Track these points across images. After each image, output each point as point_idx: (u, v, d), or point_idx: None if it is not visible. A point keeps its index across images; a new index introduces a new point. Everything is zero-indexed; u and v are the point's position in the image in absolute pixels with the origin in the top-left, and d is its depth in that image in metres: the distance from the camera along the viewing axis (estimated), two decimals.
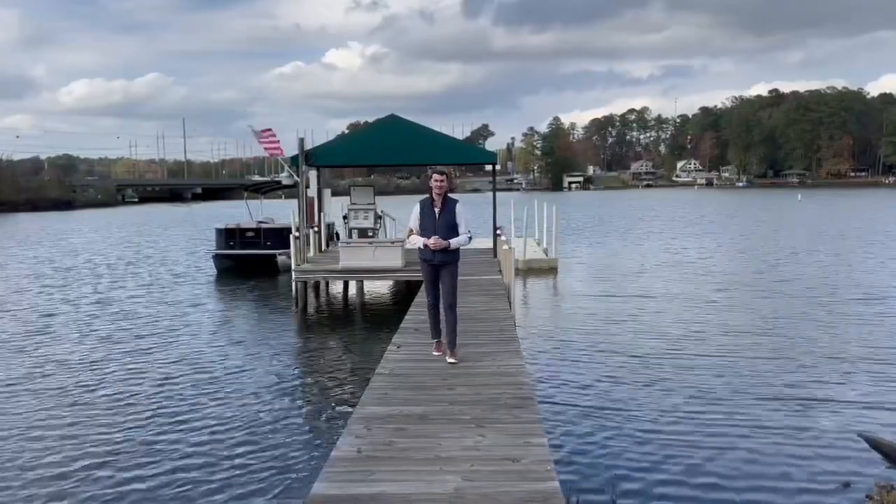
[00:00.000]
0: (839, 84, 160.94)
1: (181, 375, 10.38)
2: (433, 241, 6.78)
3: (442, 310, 7.14)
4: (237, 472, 6.87)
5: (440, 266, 7.00)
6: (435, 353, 7.24)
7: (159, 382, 10.02)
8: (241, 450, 7.42)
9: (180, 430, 8.04)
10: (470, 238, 7.03)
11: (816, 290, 17.04)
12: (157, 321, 14.59)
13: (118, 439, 7.79)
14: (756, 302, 15.75)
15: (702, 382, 9.57)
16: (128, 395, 9.45)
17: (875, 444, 7.20)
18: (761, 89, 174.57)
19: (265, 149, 19.99)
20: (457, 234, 6.89)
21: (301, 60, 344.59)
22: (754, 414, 8.30)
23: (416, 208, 7.02)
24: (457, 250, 7.01)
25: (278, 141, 19.58)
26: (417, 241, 6.96)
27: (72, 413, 8.72)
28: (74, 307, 16.42)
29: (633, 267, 22.27)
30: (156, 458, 7.22)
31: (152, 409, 8.82)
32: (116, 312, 15.62)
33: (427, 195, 7.02)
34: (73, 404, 9.07)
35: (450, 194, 6.96)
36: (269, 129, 19.65)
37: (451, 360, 7.01)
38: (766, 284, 18.22)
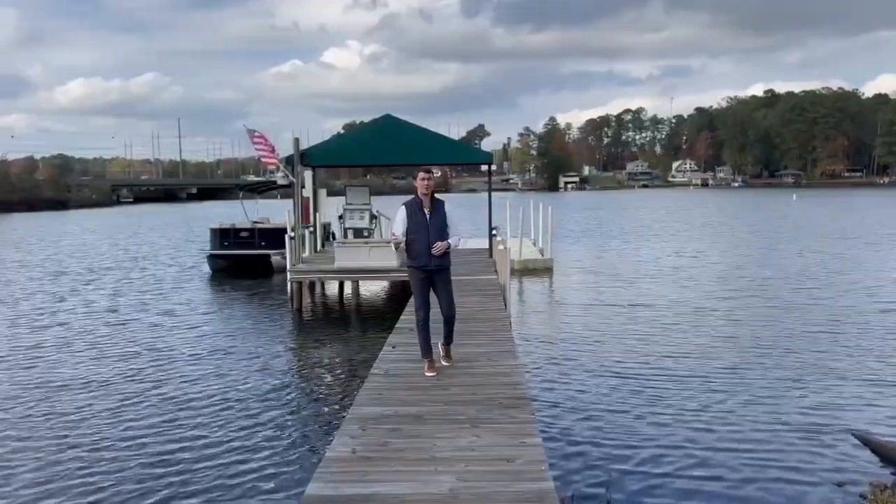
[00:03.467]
0: (838, 84, 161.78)
1: (174, 376, 10.35)
2: (437, 248, 6.38)
3: (440, 315, 6.74)
4: (231, 472, 6.85)
5: (435, 272, 6.59)
6: (428, 374, 6.56)
7: (152, 382, 9.99)
8: (234, 450, 7.41)
9: (174, 431, 8.02)
10: (460, 240, 6.67)
11: (813, 292, 17.09)
12: (150, 321, 14.55)
13: (111, 439, 7.76)
14: (750, 300, 15.78)
15: (696, 382, 9.59)
16: (120, 395, 9.42)
17: (870, 444, 7.21)
18: (760, 89, 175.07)
19: (257, 152, 19.01)
20: (447, 236, 6.52)
21: (299, 59, 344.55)
22: (749, 415, 8.32)
23: (402, 211, 6.51)
24: (449, 253, 6.63)
25: (272, 147, 18.41)
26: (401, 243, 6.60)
27: (62, 413, 8.69)
28: (70, 308, 16.37)
29: (628, 267, 22.29)
30: (149, 458, 7.19)
31: (145, 409, 8.79)
32: (110, 313, 15.58)
33: (412, 197, 6.59)
34: (64, 404, 9.03)
35: (442, 194, 6.62)
36: (263, 136, 18.54)
37: (446, 363, 6.82)
38: (760, 282, 18.26)
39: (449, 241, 6.48)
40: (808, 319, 13.70)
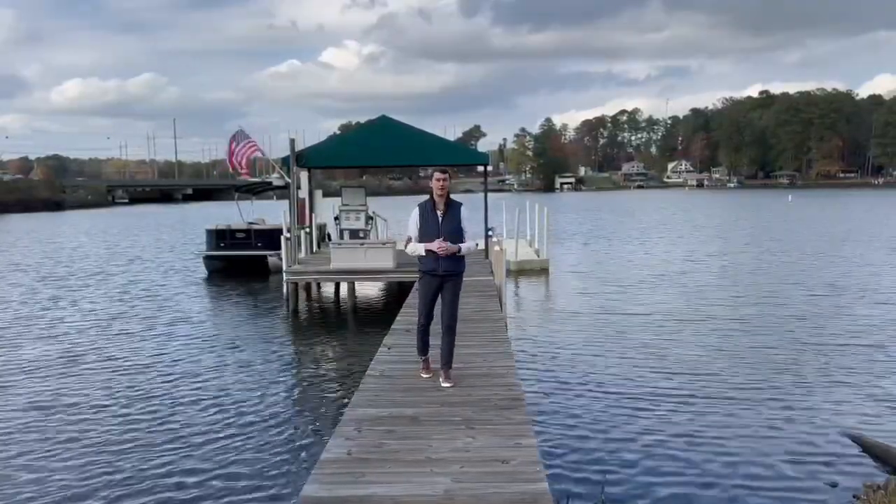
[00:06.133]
0: (838, 85, 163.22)
1: (170, 377, 10.34)
2: (438, 245, 6.02)
3: (440, 329, 6.33)
4: (226, 474, 6.85)
5: (445, 277, 6.19)
6: (424, 376, 6.45)
7: (148, 384, 9.98)
8: (230, 452, 7.41)
9: (169, 432, 8.01)
10: (477, 245, 6.36)
11: (810, 293, 17.14)
12: (145, 323, 14.52)
13: (106, 440, 7.76)
14: (747, 300, 15.82)
15: (692, 383, 9.61)
16: (116, 396, 9.41)
17: (863, 444, 7.24)
18: (758, 90, 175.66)
19: (243, 154, 18.89)
20: (462, 241, 6.17)
21: (297, 59, 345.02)
22: (743, 416, 8.35)
23: (415, 213, 6.23)
24: (463, 259, 6.27)
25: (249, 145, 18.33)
26: (419, 249, 6.18)
27: (59, 413, 8.69)
28: (65, 312, 16.34)
29: (623, 268, 22.33)
30: (144, 460, 7.19)
31: (141, 411, 8.79)
32: (104, 314, 15.55)
33: (427, 198, 6.25)
34: (60, 405, 9.03)
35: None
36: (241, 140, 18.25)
37: (446, 385, 6.26)
38: (755, 282, 18.31)
39: (461, 245, 6.14)
40: (804, 322, 13.75)
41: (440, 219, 6.12)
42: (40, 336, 13.39)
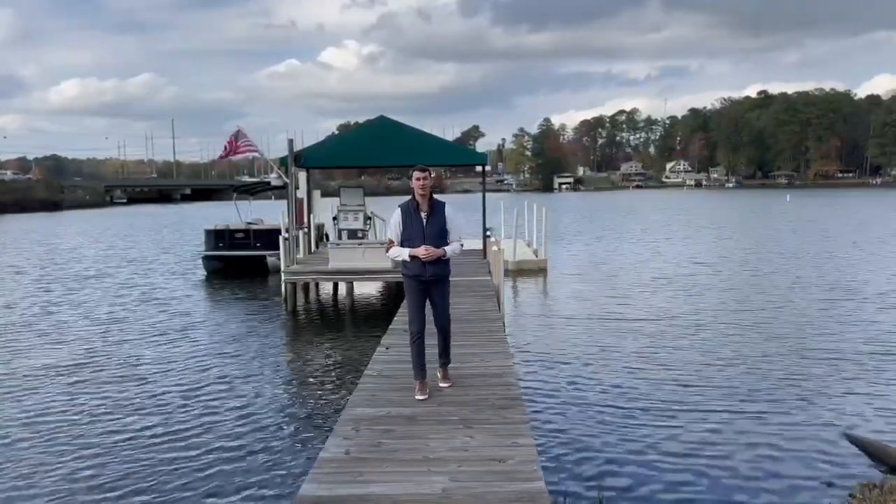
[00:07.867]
0: (836, 86, 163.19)
1: (168, 378, 10.36)
2: (424, 251, 5.77)
3: (435, 331, 6.24)
4: (224, 473, 6.86)
5: (432, 282, 5.96)
6: (418, 397, 5.92)
7: (146, 384, 9.99)
8: (228, 451, 7.42)
9: (167, 432, 8.03)
10: (461, 245, 6.11)
11: (810, 293, 17.18)
12: (144, 323, 14.53)
13: (105, 440, 7.77)
14: (744, 300, 15.85)
15: (689, 384, 9.64)
16: (114, 396, 9.42)
17: (859, 444, 7.27)
18: (757, 90, 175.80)
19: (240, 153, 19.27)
20: (447, 243, 5.92)
21: (296, 59, 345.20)
22: (740, 416, 8.37)
23: (397, 214, 5.91)
24: (448, 261, 6.02)
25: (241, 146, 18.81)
26: (402, 254, 5.88)
27: (57, 415, 8.70)
28: (63, 312, 16.34)
29: (622, 267, 22.35)
30: (142, 460, 7.20)
31: (138, 411, 8.80)
32: (103, 314, 15.55)
33: (409, 198, 5.97)
34: (58, 406, 9.04)
35: (438, 195, 6.07)
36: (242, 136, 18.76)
37: (444, 384, 6.27)
38: (753, 281, 18.34)
39: (445, 248, 5.88)
40: (802, 323, 13.77)
41: (424, 220, 5.85)
42: (39, 338, 13.38)
